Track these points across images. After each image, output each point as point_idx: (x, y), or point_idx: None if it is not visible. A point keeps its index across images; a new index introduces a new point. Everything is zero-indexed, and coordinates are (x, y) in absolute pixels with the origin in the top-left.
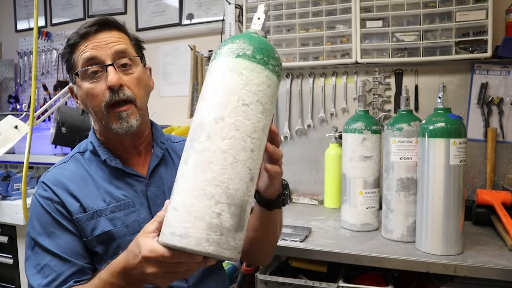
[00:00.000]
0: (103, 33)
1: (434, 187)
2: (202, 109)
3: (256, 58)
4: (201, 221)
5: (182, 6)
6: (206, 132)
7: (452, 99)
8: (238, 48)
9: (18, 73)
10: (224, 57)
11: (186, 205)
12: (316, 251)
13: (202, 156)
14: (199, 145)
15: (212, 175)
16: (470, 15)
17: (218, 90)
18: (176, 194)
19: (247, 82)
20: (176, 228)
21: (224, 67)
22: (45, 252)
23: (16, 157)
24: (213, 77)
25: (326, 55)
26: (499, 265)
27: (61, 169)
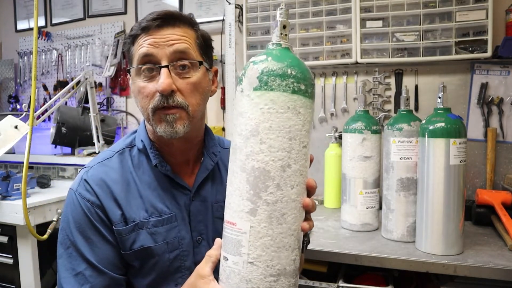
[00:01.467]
0: (166, 29)
1: (434, 187)
2: (261, 153)
3: (308, 92)
4: (283, 273)
5: (182, 6)
6: (275, 182)
7: (452, 99)
8: (290, 80)
9: (18, 73)
10: (277, 91)
11: (266, 260)
12: (316, 251)
13: (275, 208)
14: (270, 196)
15: (287, 226)
16: (470, 15)
17: (280, 133)
18: (249, 248)
19: (304, 122)
20: (259, 283)
21: (281, 104)
22: (81, 258)
23: (16, 157)
24: (269, 116)
25: (326, 55)
26: (499, 265)
27: (105, 167)
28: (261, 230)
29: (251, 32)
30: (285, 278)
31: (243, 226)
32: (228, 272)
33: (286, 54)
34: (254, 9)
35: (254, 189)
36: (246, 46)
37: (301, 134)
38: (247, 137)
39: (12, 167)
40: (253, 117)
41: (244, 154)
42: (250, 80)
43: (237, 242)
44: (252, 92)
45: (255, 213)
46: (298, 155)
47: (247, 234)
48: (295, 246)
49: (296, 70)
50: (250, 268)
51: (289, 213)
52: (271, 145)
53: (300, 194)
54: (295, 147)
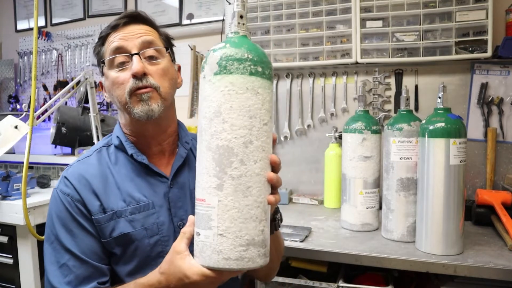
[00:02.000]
0: (133, 26)
1: (434, 187)
2: (224, 132)
3: (266, 74)
4: (252, 243)
5: (182, 6)
6: (238, 158)
7: (452, 99)
8: (247, 63)
9: (18, 73)
10: (236, 74)
11: (235, 231)
12: (316, 251)
13: (240, 182)
14: (235, 171)
15: (253, 198)
16: (470, 15)
17: (240, 112)
18: (218, 221)
19: (263, 102)
20: (230, 253)
21: (240, 85)
22: (64, 250)
23: (16, 157)
24: (229, 97)
25: (326, 55)
26: (499, 265)
27: (84, 164)
28: (228, 203)
29: (251, 32)
30: (254, 248)
31: (211, 201)
32: (201, 246)
33: (243, 40)
34: (254, 9)
35: (219, 165)
36: None
37: (260, 112)
38: (211, 118)
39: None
40: (215, 100)
41: (209, 134)
42: (211, 66)
43: (207, 217)
44: (213, 77)
45: (221, 187)
46: (259, 132)
47: (216, 208)
48: (262, 217)
49: (253, 54)
50: (220, 240)
51: (254, 186)
52: (233, 124)
53: (264, 168)
54: (256, 125)
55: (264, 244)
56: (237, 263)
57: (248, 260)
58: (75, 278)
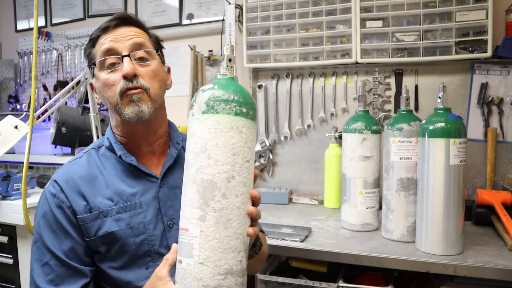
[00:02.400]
0: (123, 28)
1: (434, 187)
2: (209, 167)
3: (250, 115)
4: (230, 272)
5: (182, 6)
6: (221, 192)
7: (452, 99)
8: (233, 104)
9: (18, 73)
10: (222, 114)
11: (215, 261)
12: (316, 251)
13: (221, 214)
14: (217, 204)
15: (233, 230)
16: (470, 15)
17: (225, 149)
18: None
19: (246, 140)
20: (209, 281)
21: (226, 124)
22: (46, 249)
23: (16, 157)
24: (215, 135)
25: (326, 55)
26: (499, 265)
27: (74, 165)
28: (210, 234)
29: (251, 32)
30: (232, 277)
31: (194, 231)
32: (182, 273)
33: (230, 83)
34: (254, 9)
35: (203, 198)
36: (246, 46)
37: (243, 150)
38: (197, 154)
39: (12, 167)
40: (202, 136)
41: (194, 168)
42: (199, 105)
43: (189, 246)
44: (201, 115)
45: (204, 219)
46: (241, 168)
47: (198, 238)
48: (241, 248)
49: (239, 95)
50: (200, 268)
51: (234, 219)
52: (217, 160)
53: (244, 202)
54: (239, 161)
55: (242, 273)
56: None
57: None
58: (56, 277)
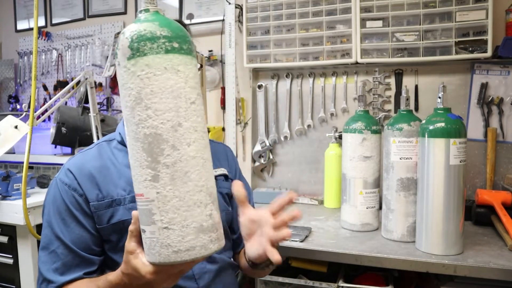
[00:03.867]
0: None
1: (434, 187)
2: (150, 119)
3: (184, 49)
4: (201, 229)
5: (182, 6)
6: (169, 144)
7: (452, 99)
8: (161, 41)
9: (18, 73)
10: (152, 54)
11: (180, 221)
12: (316, 251)
13: (176, 169)
14: (168, 159)
15: (193, 183)
16: (470, 15)
17: (163, 95)
18: (161, 214)
19: (186, 79)
20: (179, 245)
21: (157, 66)
22: (55, 237)
23: (16, 157)
24: (148, 81)
25: (326, 55)
26: (499, 265)
27: (86, 155)
28: (168, 194)
29: (251, 32)
30: (204, 234)
31: (150, 195)
32: (149, 243)
33: (153, 17)
34: (254, 9)
35: (151, 155)
36: (246, 46)
37: (185, 91)
38: (132, 107)
39: (12, 167)
40: (133, 86)
41: (134, 124)
42: (123, 51)
43: (148, 212)
44: (127, 62)
45: (157, 178)
46: (187, 112)
47: (155, 201)
48: (207, 201)
49: (166, 29)
50: (166, 233)
51: (192, 170)
52: (157, 109)
53: (199, 150)
54: (182, 105)
55: (215, 228)
56: (188, 253)
57: (200, 248)
58: (62, 266)
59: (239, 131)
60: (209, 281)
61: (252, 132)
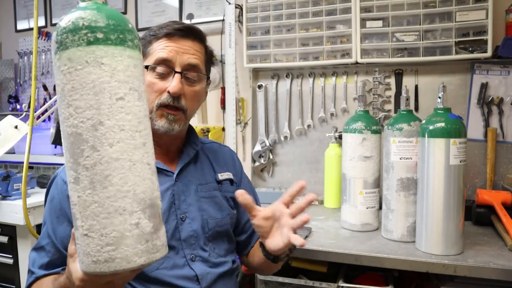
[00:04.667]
0: (187, 40)
1: (434, 187)
2: (69, 118)
3: (112, 40)
4: (122, 239)
5: (182, 6)
6: (88, 144)
7: (452, 99)
8: (83, 32)
9: (18, 73)
10: (72, 48)
11: (99, 229)
12: (316, 251)
13: (95, 171)
14: (88, 160)
15: (115, 188)
16: (470, 15)
17: (83, 91)
18: (82, 219)
19: (112, 73)
20: (97, 255)
21: (78, 60)
22: (47, 235)
23: (16, 157)
24: (70, 76)
25: (326, 55)
26: (499, 265)
27: None
28: (87, 198)
29: (251, 32)
30: (127, 246)
31: (73, 198)
32: (78, 249)
33: (84, 7)
34: (254, 9)
35: (72, 156)
36: (246, 46)
37: (110, 86)
38: (59, 105)
39: (12, 167)
40: (59, 83)
41: (61, 122)
42: (53, 45)
43: (74, 216)
44: (55, 57)
45: (78, 181)
46: (111, 109)
47: (77, 205)
48: (134, 208)
49: (90, 19)
50: (86, 241)
51: (113, 174)
52: (77, 106)
53: (125, 151)
54: (105, 102)
55: (145, 238)
56: (107, 265)
57: (121, 260)
58: (47, 263)
59: (239, 131)
60: (212, 282)
61: (252, 132)
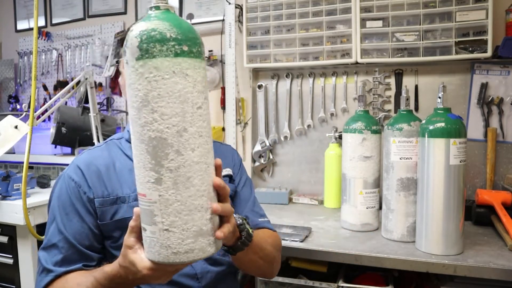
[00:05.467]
0: None
1: (434, 187)
2: (155, 122)
3: (194, 53)
4: (200, 233)
5: (182, 6)
6: (173, 148)
7: (452, 99)
8: (171, 43)
9: (18, 73)
10: (159, 57)
11: (181, 225)
12: (316, 251)
13: (179, 173)
14: (172, 163)
15: (195, 188)
16: (470, 15)
17: (170, 99)
18: (162, 216)
19: (194, 84)
20: (178, 247)
21: (166, 70)
22: (57, 231)
23: (16, 157)
24: (156, 84)
25: (326, 55)
26: (499, 265)
27: (95, 152)
28: (170, 197)
29: (251, 32)
30: (203, 238)
31: (152, 196)
32: (149, 242)
33: (165, 17)
34: (254, 9)
35: (155, 158)
36: (246, 46)
37: (192, 96)
38: (139, 109)
39: (12, 167)
40: (141, 88)
41: (139, 126)
42: (132, 50)
43: (150, 212)
44: (135, 63)
45: (160, 182)
46: (193, 117)
47: (158, 203)
48: (208, 205)
49: (177, 31)
50: (167, 235)
51: (194, 176)
52: (163, 113)
53: (203, 155)
54: (189, 110)
55: (214, 231)
56: (187, 256)
57: (198, 251)
58: (62, 260)
59: (239, 131)
60: (212, 281)
61: (252, 132)
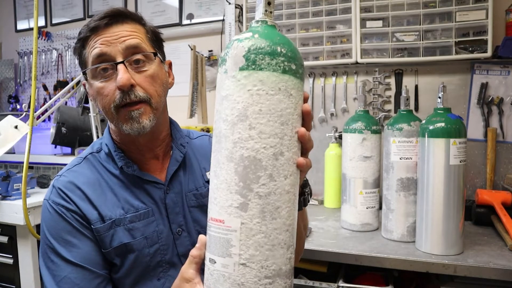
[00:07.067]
0: (115, 27)
1: (434, 187)
2: (251, 140)
3: (299, 73)
4: (279, 273)
5: (182, 6)
6: (267, 172)
7: (452, 99)
8: (281, 59)
9: (18, 73)
10: (267, 71)
11: (260, 261)
12: (316, 251)
13: (268, 201)
14: (262, 188)
15: (282, 221)
16: (470, 15)
17: (271, 117)
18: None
19: (296, 106)
20: (253, 286)
21: (272, 85)
22: (64, 262)
23: (16, 157)
24: (259, 98)
25: (326, 55)
26: (499, 265)
27: (74, 172)
28: (254, 227)
29: None
30: (281, 279)
31: (232, 223)
32: (217, 276)
33: (273, 31)
34: (254, 9)
35: (244, 180)
36: None
37: (293, 118)
38: (234, 123)
39: (12, 167)
40: (240, 100)
41: (231, 142)
42: (236, 59)
43: (226, 242)
44: (238, 73)
45: (246, 207)
46: (290, 141)
47: (238, 232)
48: (290, 243)
49: (286, 48)
50: (242, 271)
51: (283, 206)
52: (262, 131)
53: (294, 185)
54: (288, 133)
55: (291, 273)
56: None
57: None
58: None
59: None
60: None
61: None
